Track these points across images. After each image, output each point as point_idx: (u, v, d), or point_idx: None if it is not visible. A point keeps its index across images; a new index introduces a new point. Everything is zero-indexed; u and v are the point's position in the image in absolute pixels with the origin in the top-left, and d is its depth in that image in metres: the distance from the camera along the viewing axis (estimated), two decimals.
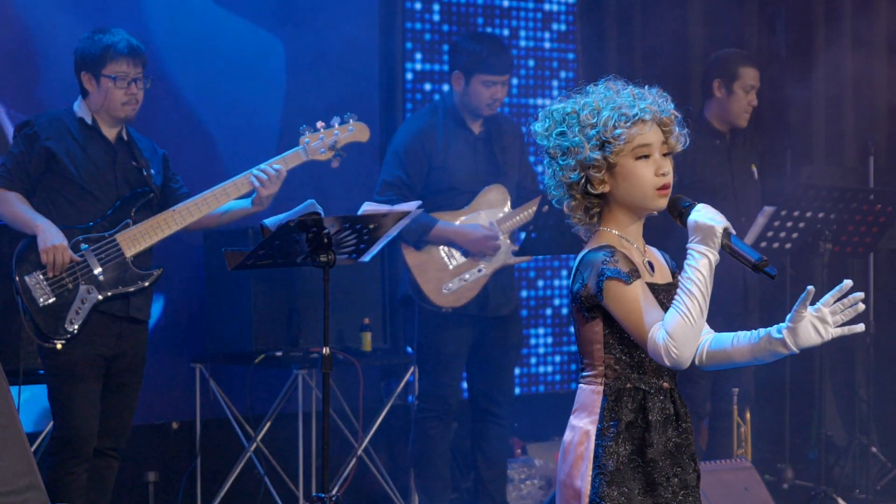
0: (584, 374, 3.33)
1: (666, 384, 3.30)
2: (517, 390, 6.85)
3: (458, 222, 6.31)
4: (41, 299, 5.32)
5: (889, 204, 6.65)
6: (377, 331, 6.79)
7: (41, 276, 5.33)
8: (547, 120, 3.33)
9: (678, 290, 3.18)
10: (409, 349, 6.86)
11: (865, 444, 7.56)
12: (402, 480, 6.98)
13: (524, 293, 7.85)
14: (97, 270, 5.39)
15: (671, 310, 3.17)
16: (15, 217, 5.37)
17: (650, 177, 3.26)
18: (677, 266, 3.36)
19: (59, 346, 5.32)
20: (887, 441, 7.85)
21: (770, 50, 8.46)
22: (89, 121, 5.49)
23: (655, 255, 3.43)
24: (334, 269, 5.32)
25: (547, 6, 8.09)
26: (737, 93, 6.85)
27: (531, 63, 8.03)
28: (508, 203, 6.42)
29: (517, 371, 7.38)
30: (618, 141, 3.23)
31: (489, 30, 7.72)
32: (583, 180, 3.27)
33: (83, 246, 5.38)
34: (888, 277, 8.32)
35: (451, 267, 6.30)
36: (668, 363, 3.16)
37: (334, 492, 6.32)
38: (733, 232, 3.21)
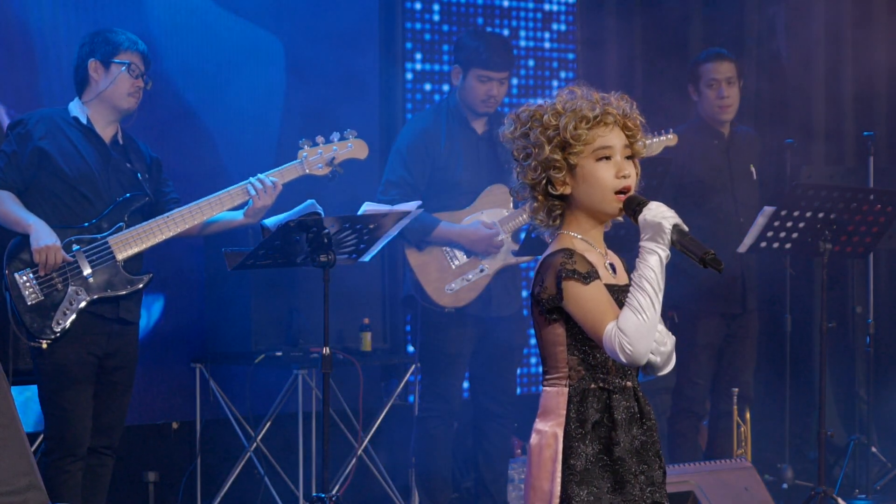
0: (548, 376, 3.35)
1: (629, 383, 3.33)
2: (517, 390, 6.84)
3: (460, 222, 6.30)
4: (30, 298, 5.29)
5: (889, 204, 6.63)
6: (377, 331, 6.78)
7: (31, 275, 5.29)
8: (513, 123, 3.37)
9: (630, 288, 3.21)
10: (411, 349, 6.85)
11: (865, 444, 7.56)
12: (402, 480, 6.98)
13: (524, 293, 7.84)
14: (87, 272, 5.35)
15: (624, 307, 3.19)
16: (7, 216, 5.33)
17: (610, 178, 3.28)
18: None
19: (44, 346, 5.29)
20: (887, 441, 7.85)
21: (770, 50, 8.46)
22: (84, 120, 5.45)
23: (617, 260, 3.44)
24: (334, 269, 5.33)
25: (547, 6, 8.09)
26: (703, 92, 6.82)
27: (531, 63, 8.03)
28: (511, 202, 6.41)
29: (517, 371, 7.38)
30: (578, 142, 3.25)
31: (489, 30, 7.71)
32: (544, 181, 3.30)
33: (75, 247, 5.35)
34: (888, 277, 8.32)
35: (453, 267, 6.29)
36: (623, 360, 3.17)
37: (334, 492, 6.32)
38: (685, 228, 3.22)
